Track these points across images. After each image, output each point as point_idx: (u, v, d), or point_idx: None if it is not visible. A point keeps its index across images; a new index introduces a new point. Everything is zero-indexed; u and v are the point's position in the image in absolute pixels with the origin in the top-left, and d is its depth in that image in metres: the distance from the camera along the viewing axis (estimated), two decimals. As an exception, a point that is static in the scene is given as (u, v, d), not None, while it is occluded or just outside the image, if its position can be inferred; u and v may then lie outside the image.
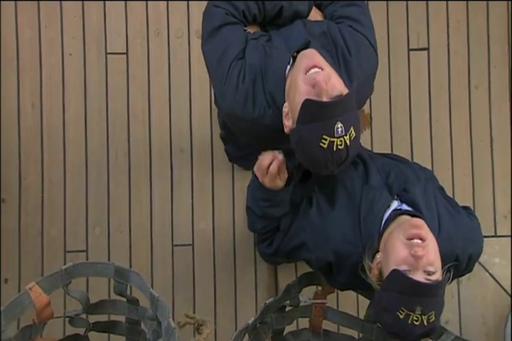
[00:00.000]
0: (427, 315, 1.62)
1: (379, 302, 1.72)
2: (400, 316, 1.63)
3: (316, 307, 2.13)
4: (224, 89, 1.84)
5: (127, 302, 2.02)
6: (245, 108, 1.83)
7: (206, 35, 1.91)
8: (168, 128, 2.95)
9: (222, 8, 1.87)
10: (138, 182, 2.93)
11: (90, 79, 2.93)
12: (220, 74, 1.85)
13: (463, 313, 2.82)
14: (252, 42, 1.86)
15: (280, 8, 1.89)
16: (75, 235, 2.86)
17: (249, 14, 1.89)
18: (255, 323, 1.95)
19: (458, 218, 1.94)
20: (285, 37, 1.87)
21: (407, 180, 1.94)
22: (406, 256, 1.65)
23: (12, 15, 2.91)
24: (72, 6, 2.92)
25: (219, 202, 2.95)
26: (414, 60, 3.03)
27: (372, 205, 1.88)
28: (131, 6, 2.96)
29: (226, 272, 2.92)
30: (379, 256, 1.76)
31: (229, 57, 1.84)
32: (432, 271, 1.65)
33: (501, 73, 3.05)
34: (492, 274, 2.94)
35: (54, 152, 2.89)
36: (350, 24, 1.91)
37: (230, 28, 1.87)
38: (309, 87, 1.64)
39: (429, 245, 1.67)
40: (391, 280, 1.67)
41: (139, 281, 1.91)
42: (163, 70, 2.97)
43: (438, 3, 3.05)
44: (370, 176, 1.95)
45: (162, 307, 1.82)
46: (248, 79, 1.82)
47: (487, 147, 3.02)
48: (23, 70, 2.89)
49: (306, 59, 1.71)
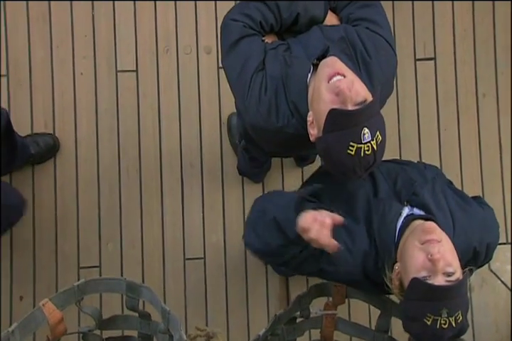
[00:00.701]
0: (454, 316, 1.61)
1: (405, 313, 1.72)
2: (428, 323, 1.62)
3: (326, 318, 2.11)
4: (247, 102, 1.85)
5: (139, 317, 2.03)
6: (269, 119, 1.84)
7: (225, 50, 1.92)
8: (178, 143, 2.96)
9: (239, 21, 1.88)
10: (149, 197, 2.94)
11: (101, 97, 2.96)
12: (241, 87, 1.85)
13: (476, 321, 2.80)
14: (271, 53, 1.87)
15: (297, 16, 1.90)
16: (88, 251, 2.88)
17: (267, 24, 1.90)
18: (266, 335, 1.94)
19: (470, 210, 1.92)
20: (304, 44, 1.87)
21: (414, 183, 1.92)
22: (423, 261, 1.64)
23: (25, 36, 2.95)
24: (82, 26, 2.96)
25: (230, 216, 2.96)
26: (421, 70, 3.06)
27: (384, 217, 1.85)
28: (140, 24, 2.99)
29: (238, 284, 2.93)
30: (397, 266, 1.75)
31: (249, 69, 1.84)
32: (452, 272, 1.64)
33: (508, 80, 3.05)
34: (504, 281, 2.93)
35: (66, 169, 2.91)
36: (367, 26, 1.91)
37: (248, 40, 1.88)
38: (333, 95, 1.64)
39: (444, 246, 1.66)
40: (412, 289, 1.66)
41: (150, 296, 1.91)
42: (172, 87, 2.99)
43: (443, 13, 3.06)
44: (379, 187, 1.93)
45: (173, 321, 1.82)
46: (270, 90, 1.83)
47: (496, 154, 3.03)
48: (35, 90, 2.92)
49: (328, 67, 1.71)
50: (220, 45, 1.93)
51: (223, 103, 2.99)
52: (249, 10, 1.89)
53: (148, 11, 3.01)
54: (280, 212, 1.78)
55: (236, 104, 2.11)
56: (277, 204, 1.83)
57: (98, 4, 2.99)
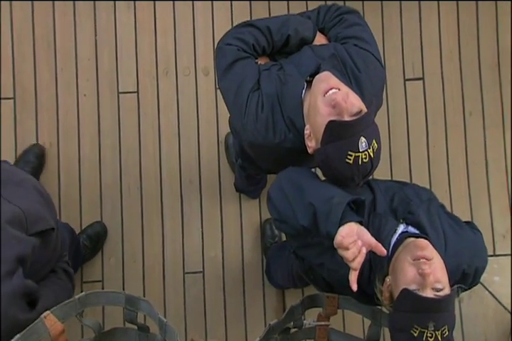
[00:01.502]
0: (440, 330, 1.61)
1: (393, 324, 1.71)
2: (415, 334, 1.61)
3: (319, 329, 2.07)
4: (244, 121, 1.87)
5: (138, 330, 2.00)
6: (267, 135, 1.86)
7: (221, 73, 1.94)
8: (177, 161, 3.00)
9: (233, 44, 1.91)
10: (150, 213, 2.97)
11: (104, 118, 3.01)
12: (238, 107, 1.88)
13: (465, 331, 2.80)
14: (264, 73, 1.89)
15: (287, 38, 1.93)
16: (91, 266, 2.89)
17: (259, 47, 1.93)
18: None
19: (462, 233, 1.91)
20: (296, 63, 1.90)
21: (411, 202, 1.91)
22: (414, 275, 1.64)
23: (31, 60, 3.01)
24: (85, 50, 3.02)
25: (227, 231, 2.98)
26: (410, 89, 3.10)
27: (379, 232, 1.83)
28: (140, 47, 3.05)
29: (236, 298, 2.94)
30: (388, 279, 1.74)
31: (245, 90, 1.87)
32: (440, 288, 1.64)
33: (493, 98, 3.10)
34: (492, 292, 2.94)
35: (70, 187, 2.95)
36: (355, 43, 1.93)
37: (242, 62, 1.90)
38: (330, 107, 1.66)
39: (434, 262, 1.65)
40: (401, 300, 1.66)
41: (148, 308, 1.89)
42: (172, 107, 3.04)
43: (431, 35, 3.12)
44: (377, 203, 1.92)
45: (170, 332, 1.81)
46: (267, 108, 1.85)
47: (482, 170, 3.06)
48: (41, 111, 2.98)
49: (323, 82, 1.73)
50: (216, 68, 1.95)
51: (221, 122, 3.02)
52: (242, 34, 1.92)
53: (148, 35, 3.07)
54: (323, 204, 1.71)
55: (231, 123, 2.14)
56: (321, 192, 1.76)
57: (100, 29, 3.05)
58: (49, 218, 1.93)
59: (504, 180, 3.05)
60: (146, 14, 3.09)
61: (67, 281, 2.05)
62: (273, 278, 2.90)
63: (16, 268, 1.72)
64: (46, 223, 1.89)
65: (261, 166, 2.22)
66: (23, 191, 1.91)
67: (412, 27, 3.13)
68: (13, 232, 1.74)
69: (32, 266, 1.83)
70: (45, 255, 1.91)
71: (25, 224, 1.79)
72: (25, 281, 1.76)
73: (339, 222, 1.64)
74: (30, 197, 1.91)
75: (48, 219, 1.92)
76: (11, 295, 1.71)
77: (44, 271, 1.95)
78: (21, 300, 1.76)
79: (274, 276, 2.88)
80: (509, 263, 2.94)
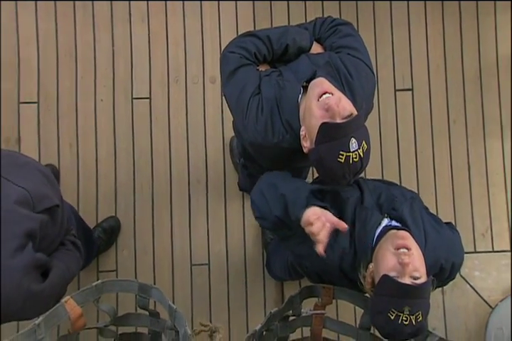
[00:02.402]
0: (415, 315, 1.62)
1: (372, 307, 1.73)
2: (391, 317, 1.63)
3: (316, 317, 2.09)
4: (245, 122, 1.87)
5: (150, 315, 2.02)
6: (266, 136, 1.86)
7: (225, 78, 1.95)
8: (186, 162, 3.01)
9: (236, 53, 1.91)
10: (160, 209, 2.98)
11: (119, 121, 3.02)
12: (240, 110, 1.88)
13: (448, 321, 2.83)
14: (265, 79, 1.89)
15: (286, 47, 1.93)
16: (106, 257, 2.91)
17: (260, 55, 1.93)
18: (262, 330, 1.93)
19: (441, 231, 1.93)
20: (294, 70, 1.90)
21: (395, 199, 1.92)
22: (394, 264, 1.66)
23: (54, 69, 3.03)
24: (103, 59, 3.04)
25: (231, 227, 2.99)
26: (400, 99, 3.11)
27: (365, 224, 1.86)
28: (153, 57, 3.07)
29: (238, 288, 2.95)
30: (371, 266, 1.76)
31: (246, 94, 1.86)
32: (418, 276, 1.66)
33: (475, 109, 3.12)
34: (473, 286, 2.96)
35: (88, 185, 2.97)
36: (348, 52, 1.93)
37: (244, 69, 1.90)
38: (323, 111, 1.66)
39: (414, 254, 1.67)
40: (382, 285, 1.68)
41: (159, 296, 1.90)
42: (181, 112, 3.04)
43: (419, 50, 3.13)
44: (364, 198, 1.94)
45: (179, 318, 1.81)
46: (266, 111, 1.85)
47: (465, 174, 3.08)
48: (61, 115, 2.99)
49: (317, 87, 1.73)
50: (220, 74, 1.97)
51: (226, 127, 3.02)
52: (245, 43, 1.93)
53: (160, 46, 3.09)
54: (291, 193, 1.78)
55: (235, 124, 2.13)
56: (290, 185, 1.83)
57: (117, 40, 3.06)
58: (53, 196, 1.95)
59: (485, 183, 3.07)
60: (159, 27, 3.10)
61: (75, 251, 2.08)
62: (272, 271, 2.89)
63: (26, 243, 1.74)
64: (51, 201, 1.91)
65: (261, 165, 2.22)
66: (27, 173, 1.93)
67: (402, 42, 3.15)
68: (21, 211, 1.77)
69: (43, 241, 1.86)
70: (54, 230, 1.94)
71: (32, 202, 1.81)
72: (36, 254, 1.78)
73: (305, 206, 1.70)
74: (34, 178, 1.93)
75: (52, 197, 1.94)
76: (24, 268, 1.72)
77: (54, 244, 1.98)
78: (34, 271, 1.77)
79: (273, 269, 2.87)
80: (488, 260, 2.97)
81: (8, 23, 3.05)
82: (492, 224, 3.04)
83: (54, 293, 1.86)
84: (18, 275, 1.70)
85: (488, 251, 3.00)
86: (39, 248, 1.84)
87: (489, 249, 3.01)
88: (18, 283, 1.69)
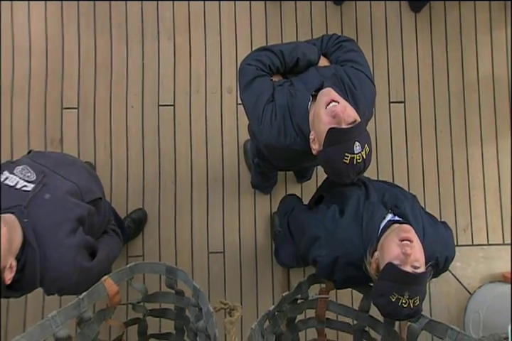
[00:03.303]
0: (413, 299, 1.64)
1: (376, 290, 1.73)
2: (392, 300, 1.64)
3: (320, 301, 2.13)
4: (261, 127, 1.87)
5: (175, 294, 2.05)
6: (279, 139, 1.86)
7: (242, 87, 1.94)
8: (205, 163, 3.06)
9: (253, 65, 1.93)
10: (182, 204, 3.03)
11: (147, 125, 3.07)
12: (256, 115, 1.88)
13: (432, 305, 2.86)
14: (278, 88, 1.89)
15: (297, 60, 1.95)
16: (134, 244, 2.97)
17: (274, 67, 1.94)
18: (274, 311, 1.95)
19: (437, 228, 1.94)
20: (304, 81, 1.89)
21: (398, 198, 1.94)
22: (398, 253, 1.67)
23: (92, 79, 3.10)
24: (134, 71, 3.11)
25: (244, 220, 3.03)
26: (393, 111, 3.15)
27: (372, 216, 1.88)
28: (177, 70, 3.12)
29: (250, 274, 2.99)
30: (377, 254, 1.77)
31: (262, 102, 1.87)
32: (418, 266, 1.67)
33: (459, 120, 3.16)
34: (455, 275, 3.00)
35: (119, 181, 3.03)
36: (352, 65, 1.93)
37: (259, 79, 1.91)
38: (330, 117, 1.67)
39: (415, 246, 1.69)
40: (386, 271, 1.68)
41: (184, 277, 1.93)
42: (201, 118, 3.08)
43: (411, 68, 3.17)
44: (370, 195, 1.96)
45: (202, 297, 1.84)
46: (279, 116, 1.85)
47: (450, 177, 3.12)
48: (98, 120, 3.06)
49: (325, 96, 1.73)
50: (238, 84, 1.96)
51: (240, 132, 3.07)
52: (260, 56, 1.94)
53: (184, 60, 3.14)
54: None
55: (250, 128, 2.15)
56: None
57: (147, 55, 3.12)
58: (96, 190, 2.05)
59: (466, 185, 3.12)
60: (183, 43, 3.15)
61: (116, 237, 2.17)
62: (280, 259, 2.90)
63: (77, 227, 1.82)
64: (95, 193, 2.00)
65: (274, 164, 2.22)
66: (74, 170, 2.02)
67: (396, 61, 3.19)
68: (72, 200, 1.85)
69: (91, 229, 1.93)
70: (99, 219, 2.03)
71: (80, 194, 1.90)
72: (86, 237, 1.86)
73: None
74: (81, 175, 2.02)
75: (96, 191, 2.04)
76: (77, 247, 1.80)
77: (99, 232, 2.07)
78: (84, 251, 1.85)
79: (280, 257, 2.88)
80: (468, 252, 3.01)
81: (56, 40, 3.11)
82: (472, 221, 3.08)
83: (101, 270, 1.94)
84: (72, 253, 1.78)
85: (469, 245, 3.04)
86: (89, 234, 1.92)
87: (469, 242, 3.05)
88: (73, 260, 1.78)
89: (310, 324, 2.24)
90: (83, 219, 1.88)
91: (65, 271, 1.78)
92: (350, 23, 3.20)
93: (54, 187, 1.86)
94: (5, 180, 1.83)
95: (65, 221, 1.81)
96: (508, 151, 3.16)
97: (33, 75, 3.07)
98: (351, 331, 2.19)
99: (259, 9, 3.20)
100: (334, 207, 1.97)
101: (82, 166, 2.15)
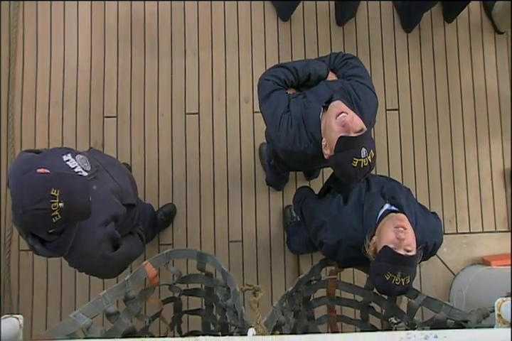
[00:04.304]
0: (405, 278, 1.68)
1: (373, 269, 1.77)
2: (387, 278, 1.68)
3: (330, 281, 2.18)
4: (278, 134, 1.90)
5: (205, 275, 2.11)
6: (294, 144, 1.89)
7: (261, 99, 1.98)
8: (225, 163, 3.12)
9: (270, 80, 1.96)
10: (206, 199, 3.08)
11: (175, 131, 3.13)
12: (274, 124, 1.91)
13: (422, 285, 2.87)
14: (293, 100, 1.92)
15: (309, 75, 1.99)
16: (165, 233, 3.02)
17: (288, 81, 1.98)
18: (292, 292, 2.01)
19: (428, 218, 1.97)
20: (315, 93, 1.92)
21: (395, 191, 1.98)
22: (393, 238, 1.72)
23: (128, 91, 3.17)
24: (164, 83, 3.16)
25: (260, 213, 3.07)
26: (389, 117, 3.18)
27: (372, 205, 1.90)
28: (201, 82, 3.16)
29: (265, 260, 3.04)
30: (375, 238, 1.80)
31: (279, 112, 1.90)
32: (410, 250, 1.71)
33: (445, 126, 3.20)
34: (441, 259, 3.02)
35: (152, 178, 3.08)
36: (357, 79, 1.96)
37: (276, 92, 1.94)
38: (340, 127, 1.70)
39: (408, 232, 1.73)
40: (382, 253, 1.72)
41: (214, 261, 1.98)
42: (222, 124, 3.14)
43: (403, 80, 3.22)
44: (371, 187, 1.99)
45: (230, 279, 1.88)
46: (295, 125, 1.88)
47: (437, 174, 3.15)
48: (133, 126, 3.14)
49: (335, 108, 1.76)
50: (258, 96, 2.00)
51: (256, 136, 3.12)
52: (276, 72, 1.98)
53: (207, 73, 3.18)
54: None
55: (268, 135, 2.17)
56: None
57: (175, 69, 3.18)
58: (133, 196, 2.08)
59: (451, 181, 3.15)
60: (206, 59, 3.20)
61: (139, 240, 2.19)
62: (291, 247, 2.98)
63: (110, 221, 1.87)
64: (131, 199, 2.04)
65: (289, 165, 2.26)
66: (121, 174, 2.06)
67: (391, 74, 3.23)
68: (114, 198, 1.90)
69: (119, 227, 1.95)
70: (126, 221, 2.04)
71: (121, 195, 1.94)
72: (114, 230, 1.89)
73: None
74: (125, 179, 2.06)
75: (133, 197, 2.07)
76: (104, 236, 1.85)
77: (124, 231, 2.07)
78: (109, 242, 1.89)
79: (292, 245, 2.96)
80: (453, 240, 3.04)
81: (98, 58, 3.20)
82: (456, 213, 3.11)
83: (119, 262, 1.97)
84: (99, 240, 1.83)
85: (454, 233, 3.07)
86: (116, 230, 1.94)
87: (454, 231, 3.08)
88: (98, 246, 1.83)
89: (322, 301, 2.28)
90: (117, 217, 1.93)
91: (90, 251, 1.83)
92: (351, 42, 3.25)
93: (102, 182, 1.91)
94: (67, 161, 1.88)
95: (103, 212, 1.85)
96: (486, 153, 3.20)
97: (79, 89, 3.14)
98: (358, 307, 2.24)
99: (272, 29, 3.25)
100: (339, 197, 2.00)
101: (127, 173, 2.20)
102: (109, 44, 3.21)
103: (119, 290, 1.75)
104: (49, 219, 1.59)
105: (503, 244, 3.01)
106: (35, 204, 1.56)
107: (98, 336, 1.59)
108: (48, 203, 1.57)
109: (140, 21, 3.21)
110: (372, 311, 2.18)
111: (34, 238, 1.78)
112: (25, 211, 1.58)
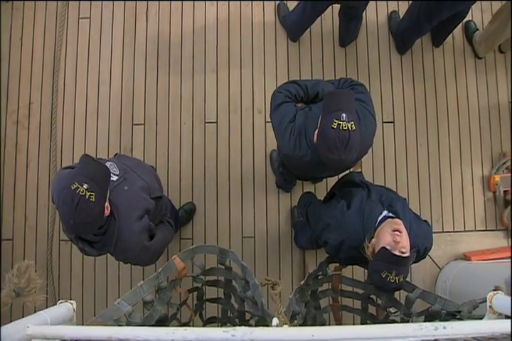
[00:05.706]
0: (399, 276, 1.70)
1: (371, 267, 1.78)
2: (383, 276, 1.70)
3: (335, 276, 2.18)
4: (283, 140, 1.92)
5: (225, 269, 2.09)
6: (295, 150, 1.90)
7: (272, 109, 1.99)
8: (239, 167, 3.11)
9: (282, 93, 1.98)
10: (222, 199, 3.07)
11: (196, 138, 3.11)
12: (280, 131, 1.93)
13: (412, 277, 2.81)
14: (299, 112, 1.94)
15: (317, 93, 2.01)
16: (186, 229, 3.03)
17: (298, 96, 2.00)
18: (302, 286, 2.00)
19: (420, 225, 1.98)
20: (320, 107, 1.87)
21: (392, 199, 1.97)
22: (390, 240, 1.73)
23: (154, 101, 3.15)
24: (187, 96, 3.16)
25: (270, 211, 3.07)
26: (385, 129, 3.16)
27: (371, 211, 1.90)
28: (219, 94, 3.16)
29: (274, 254, 3.02)
30: (373, 240, 1.81)
31: (285, 121, 1.92)
32: (404, 252, 1.73)
33: (434, 137, 3.17)
34: (429, 255, 2.68)
35: (174, 180, 3.08)
36: (360, 104, 1.95)
37: (286, 104, 1.96)
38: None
39: (403, 236, 1.74)
40: (379, 254, 1.73)
41: (234, 257, 1.96)
42: (237, 133, 3.13)
43: (398, 97, 3.19)
44: (371, 195, 1.99)
45: (249, 272, 1.87)
46: (296, 133, 1.89)
47: (427, 180, 3.14)
48: (158, 133, 3.13)
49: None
50: (270, 106, 2.01)
51: (268, 144, 3.11)
52: (289, 87, 2.00)
53: (224, 87, 3.18)
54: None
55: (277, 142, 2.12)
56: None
57: (196, 84, 3.18)
58: (159, 190, 2.11)
59: (439, 187, 3.13)
60: (224, 75, 3.19)
61: (170, 227, 2.22)
62: (298, 243, 2.97)
63: (144, 214, 1.90)
64: (158, 192, 2.07)
65: (293, 172, 2.25)
66: (146, 172, 2.10)
67: (387, 92, 3.21)
68: (143, 195, 1.93)
69: (151, 218, 1.99)
70: (157, 212, 2.08)
71: (149, 191, 1.97)
72: (149, 222, 1.93)
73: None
74: (150, 176, 2.09)
75: (159, 190, 2.10)
76: (142, 229, 1.88)
77: (156, 221, 2.10)
78: (146, 233, 1.91)
79: (299, 242, 2.95)
80: (440, 237, 2.98)
81: (128, 74, 3.20)
82: (443, 214, 3.10)
83: (157, 249, 2.00)
84: (138, 233, 1.86)
85: (440, 232, 3.04)
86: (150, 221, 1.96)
87: (440, 230, 3.06)
88: (138, 239, 1.86)
89: (328, 294, 2.29)
90: (149, 210, 1.96)
91: (132, 245, 1.87)
92: (352, 62, 3.25)
93: (131, 182, 1.94)
94: None
95: (137, 208, 1.88)
96: (468, 162, 3.20)
97: (112, 100, 3.15)
98: (359, 298, 2.23)
99: (283, 50, 3.26)
100: (343, 202, 2.00)
101: (151, 170, 2.24)
102: (138, 61, 3.21)
103: (153, 280, 1.76)
104: (91, 204, 1.64)
105: (482, 242, 3.01)
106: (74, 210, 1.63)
107: (138, 321, 1.62)
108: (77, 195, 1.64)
109: (165, 41, 3.22)
110: (372, 302, 2.18)
111: (83, 241, 1.82)
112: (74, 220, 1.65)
